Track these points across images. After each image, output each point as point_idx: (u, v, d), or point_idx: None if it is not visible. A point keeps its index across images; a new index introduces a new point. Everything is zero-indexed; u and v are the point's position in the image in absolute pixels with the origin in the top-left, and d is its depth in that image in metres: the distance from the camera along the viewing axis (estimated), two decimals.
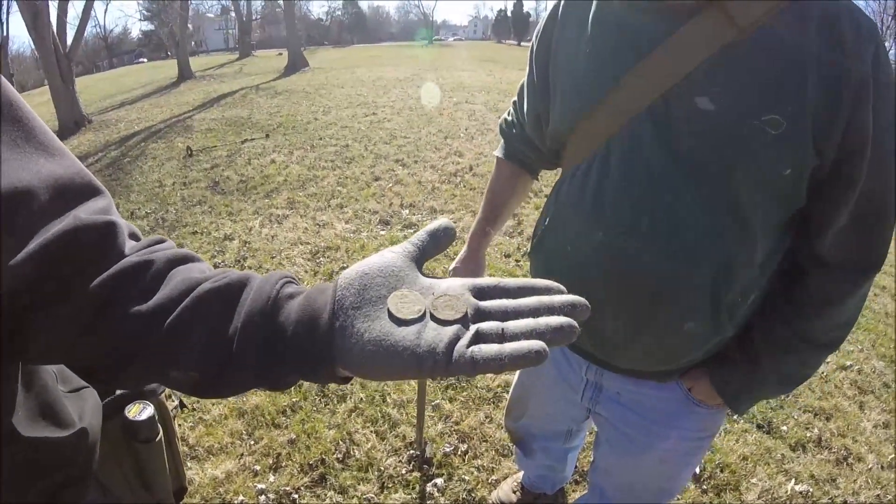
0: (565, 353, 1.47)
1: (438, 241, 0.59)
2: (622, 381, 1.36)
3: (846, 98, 0.92)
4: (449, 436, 2.73)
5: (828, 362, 3.86)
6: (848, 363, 3.92)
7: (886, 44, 1.01)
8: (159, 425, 0.85)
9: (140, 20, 65.69)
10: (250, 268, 4.17)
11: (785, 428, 3.14)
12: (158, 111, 13.89)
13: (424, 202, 5.80)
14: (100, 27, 68.35)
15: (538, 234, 1.35)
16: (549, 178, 6.02)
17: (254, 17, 52.73)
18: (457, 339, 0.48)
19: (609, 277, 1.13)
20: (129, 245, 0.59)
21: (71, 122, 12.42)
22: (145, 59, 67.95)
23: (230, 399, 2.86)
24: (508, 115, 1.55)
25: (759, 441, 3.00)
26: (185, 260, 0.60)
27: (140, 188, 6.78)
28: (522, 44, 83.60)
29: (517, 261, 4.58)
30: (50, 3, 12.85)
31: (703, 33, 0.98)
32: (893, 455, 3.21)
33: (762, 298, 1.18)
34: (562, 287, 0.53)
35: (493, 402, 2.94)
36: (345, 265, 4.07)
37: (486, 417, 2.86)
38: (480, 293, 0.53)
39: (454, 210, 5.61)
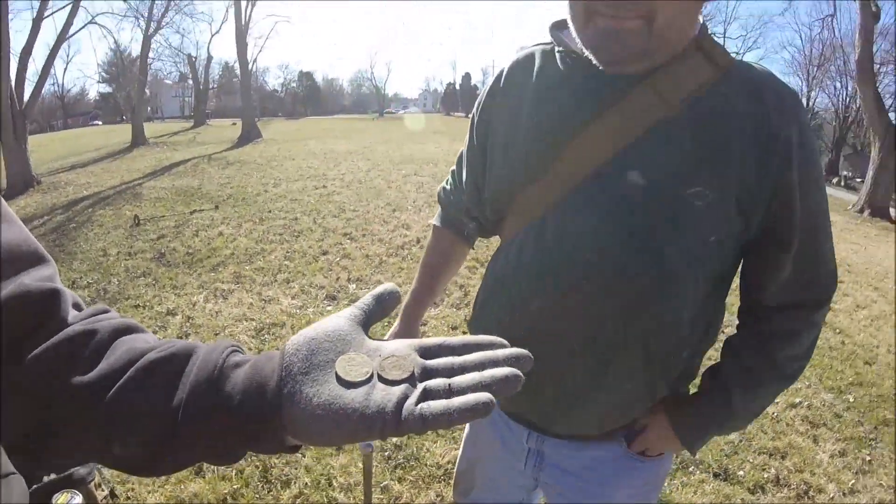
0: (508, 423, 1.42)
1: (384, 305, 0.59)
2: (563, 447, 1.34)
3: (773, 165, 0.99)
4: None
5: (777, 402, 3.93)
6: (797, 400, 4.01)
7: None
8: None
9: (98, 82, 65.19)
10: None
11: (742, 472, 3.17)
12: (109, 176, 13.78)
13: (372, 276, 5.81)
14: (58, 86, 67.54)
15: (476, 306, 1.36)
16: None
17: (210, 86, 52.85)
18: (405, 397, 0.48)
19: (546, 345, 1.08)
20: (73, 314, 0.58)
21: (20, 181, 12.26)
22: (100, 122, 67.12)
23: (167, 487, 2.77)
24: (447, 183, 1.53)
25: (718, 489, 3.01)
26: (130, 330, 0.59)
27: (84, 256, 6.67)
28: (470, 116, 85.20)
29: (464, 332, 4.58)
30: (12, 56, 12.75)
31: (635, 110, 1.03)
32: (854, 481, 3.27)
33: (697, 357, 1.23)
34: (504, 342, 0.54)
35: (444, 480, 2.90)
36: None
37: (437, 496, 2.82)
38: (426, 352, 0.54)
39: (401, 284, 5.60)
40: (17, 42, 18.18)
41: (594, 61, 1.02)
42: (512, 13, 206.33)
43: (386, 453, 3.04)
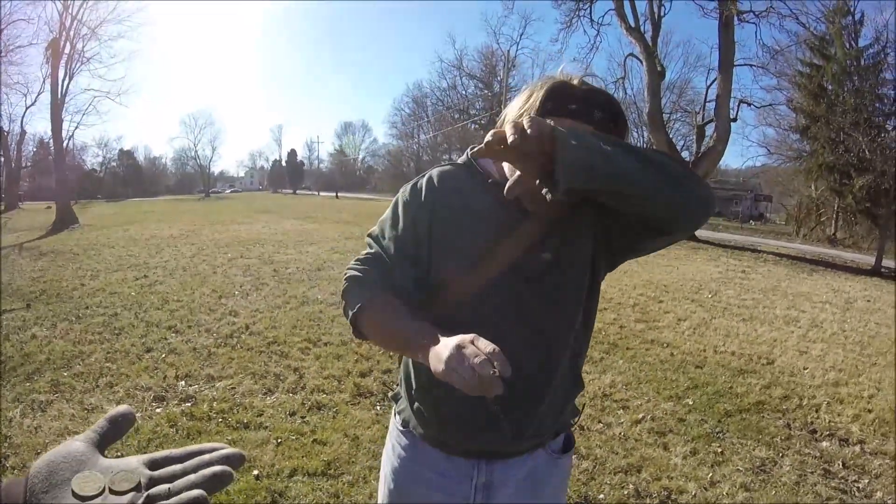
0: (451, 471, 1.54)
1: (118, 427, 0.63)
2: (509, 467, 1.54)
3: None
4: None
5: (621, 422, 4.15)
6: (640, 415, 4.26)
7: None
8: None
9: None
10: (13, 468, 3.70)
11: (602, 496, 3.28)
12: None
13: (201, 370, 5.54)
14: None
15: (422, 374, 1.51)
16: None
17: (24, 165, 48.80)
18: None
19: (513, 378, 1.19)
20: None
21: None
22: None
23: None
24: (358, 269, 1.48)
25: None
26: None
27: None
28: (298, 192, 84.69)
29: (303, 417, 4.50)
30: None
31: (541, 221, 1.42)
32: (711, 474, 3.46)
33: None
34: (225, 445, 0.61)
35: None
36: (119, 454, 3.76)
37: None
38: (153, 464, 0.59)
39: (233, 374, 5.41)
40: None
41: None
42: (332, 89, 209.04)
43: None
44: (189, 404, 4.75)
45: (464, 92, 63.21)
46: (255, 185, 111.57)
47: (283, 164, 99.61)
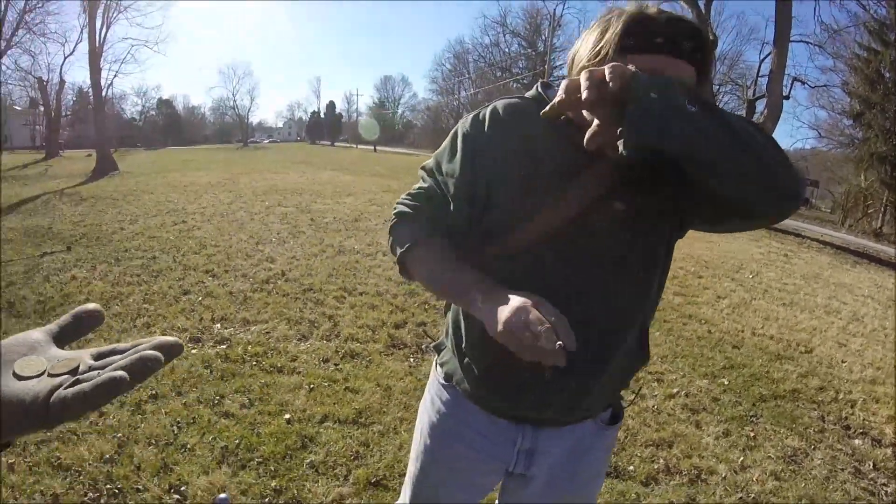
0: (495, 434, 1.49)
1: (81, 323, 0.65)
2: (555, 436, 1.48)
3: None
4: None
5: (655, 395, 4.13)
6: (674, 390, 4.23)
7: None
8: None
9: None
10: None
11: (632, 467, 3.28)
12: None
13: (237, 314, 5.63)
14: None
15: (474, 331, 1.41)
16: None
17: (64, 114, 49.62)
18: (59, 386, 0.53)
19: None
20: None
21: None
22: None
23: None
24: (409, 205, 1.45)
25: (611, 487, 3.11)
26: None
27: None
28: (336, 144, 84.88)
29: (336, 364, 4.55)
30: None
31: (613, 166, 1.24)
32: (742, 458, 3.45)
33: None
34: (175, 342, 0.59)
35: None
36: (153, 392, 3.84)
37: None
38: (99, 356, 0.59)
39: (268, 319, 5.49)
40: None
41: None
42: (373, 42, 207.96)
43: (266, 500, 2.94)
44: (224, 346, 4.83)
45: (507, 50, 62.43)
46: (293, 136, 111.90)
47: (322, 115, 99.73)
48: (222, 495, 2.15)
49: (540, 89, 1.41)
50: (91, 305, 0.66)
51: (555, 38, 42.35)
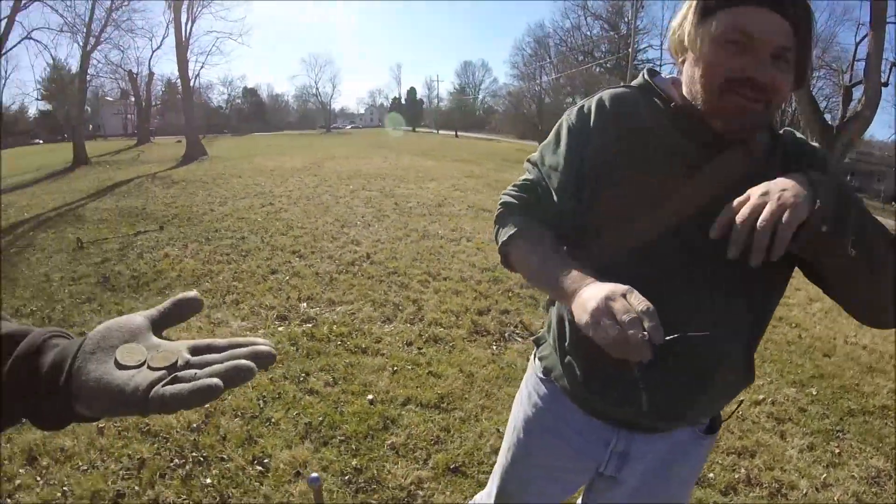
0: (589, 433, 1.45)
1: (181, 310, 0.67)
2: (649, 441, 1.42)
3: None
4: None
5: (741, 399, 3.94)
6: (760, 397, 4.03)
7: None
8: None
9: (37, 99, 62.68)
10: None
11: (712, 475, 3.15)
12: (50, 198, 13.23)
13: (322, 294, 5.69)
14: None
15: (578, 333, 1.30)
16: None
17: (153, 103, 51.77)
18: (159, 381, 0.55)
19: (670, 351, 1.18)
20: None
21: None
22: (41, 140, 64.93)
23: None
24: (514, 196, 1.44)
25: (691, 494, 2.99)
26: None
27: (26, 282, 6.31)
28: (417, 130, 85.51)
29: (419, 348, 4.53)
30: None
31: (731, 162, 1.20)
32: (825, 475, 3.27)
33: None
34: (265, 342, 0.62)
35: (408, 502, 2.81)
36: None
37: None
38: (196, 350, 0.62)
39: (353, 301, 5.52)
40: None
41: (717, 125, 1.19)
42: (456, 31, 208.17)
43: (346, 477, 2.94)
44: (310, 325, 4.88)
45: (588, 33, 60.96)
46: (375, 122, 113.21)
47: (403, 101, 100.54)
48: (314, 475, 2.14)
49: (647, 76, 1.35)
50: (191, 293, 0.69)
51: (638, 19, 41.11)
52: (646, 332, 0.93)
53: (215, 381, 0.53)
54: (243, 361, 0.57)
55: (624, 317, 0.96)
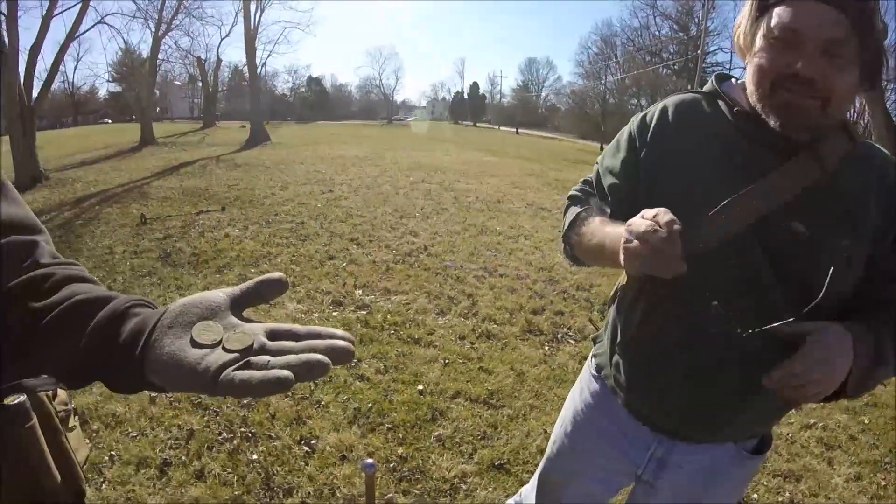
0: (633, 436, 1.46)
1: (264, 291, 0.66)
2: (690, 452, 1.41)
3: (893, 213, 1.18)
4: None
5: (791, 422, 3.84)
6: (811, 421, 3.90)
7: None
8: (34, 414, 0.91)
9: (108, 81, 64.76)
10: None
11: (756, 496, 3.08)
12: (117, 175, 13.68)
13: (378, 282, 5.73)
14: (68, 83, 66.92)
15: (630, 330, 1.38)
16: None
17: (220, 89, 52.98)
18: (230, 364, 0.54)
19: (724, 362, 1.24)
20: (47, 260, 0.74)
21: (28, 176, 12.18)
22: (110, 120, 67.29)
23: (167, 490, 2.68)
24: (579, 189, 1.54)
25: None
26: (82, 279, 0.72)
27: (90, 253, 6.56)
28: (478, 125, 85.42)
29: (472, 343, 4.51)
30: (20, 54, 12.74)
31: (799, 170, 1.16)
32: None
33: None
34: (345, 335, 0.59)
35: (450, 494, 2.81)
36: None
37: None
38: (273, 335, 0.60)
39: (408, 291, 5.54)
40: (26, 39, 18.21)
41: (772, 123, 1.15)
42: (522, 27, 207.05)
43: (391, 465, 2.96)
44: (364, 312, 4.91)
45: (657, 33, 59.88)
46: (437, 116, 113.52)
47: (465, 96, 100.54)
48: (369, 461, 2.14)
49: (715, 83, 1.33)
50: (276, 274, 0.67)
51: (709, 20, 40.08)
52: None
53: (286, 373, 0.52)
54: (318, 356, 0.55)
55: (664, 227, 1.01)
